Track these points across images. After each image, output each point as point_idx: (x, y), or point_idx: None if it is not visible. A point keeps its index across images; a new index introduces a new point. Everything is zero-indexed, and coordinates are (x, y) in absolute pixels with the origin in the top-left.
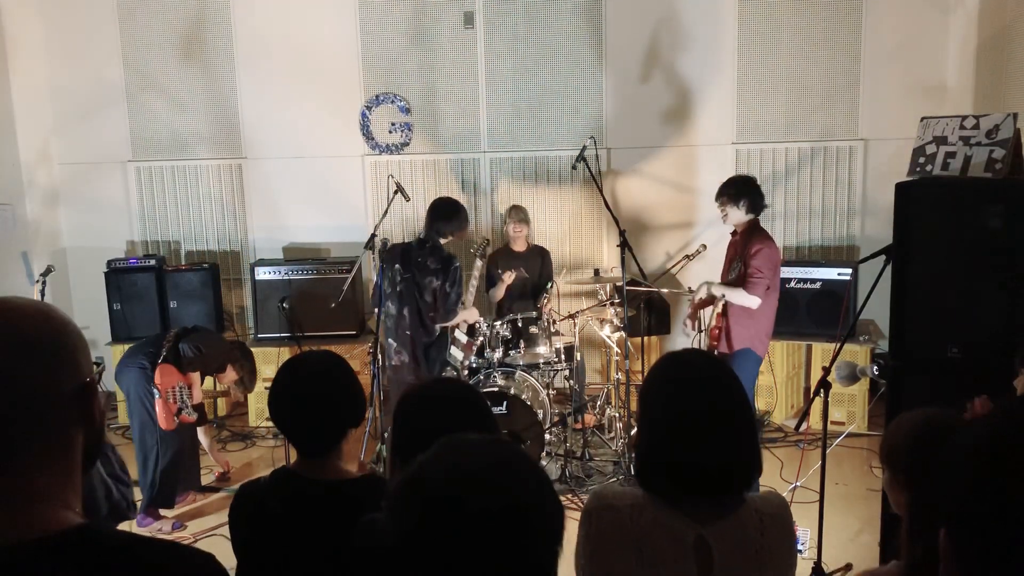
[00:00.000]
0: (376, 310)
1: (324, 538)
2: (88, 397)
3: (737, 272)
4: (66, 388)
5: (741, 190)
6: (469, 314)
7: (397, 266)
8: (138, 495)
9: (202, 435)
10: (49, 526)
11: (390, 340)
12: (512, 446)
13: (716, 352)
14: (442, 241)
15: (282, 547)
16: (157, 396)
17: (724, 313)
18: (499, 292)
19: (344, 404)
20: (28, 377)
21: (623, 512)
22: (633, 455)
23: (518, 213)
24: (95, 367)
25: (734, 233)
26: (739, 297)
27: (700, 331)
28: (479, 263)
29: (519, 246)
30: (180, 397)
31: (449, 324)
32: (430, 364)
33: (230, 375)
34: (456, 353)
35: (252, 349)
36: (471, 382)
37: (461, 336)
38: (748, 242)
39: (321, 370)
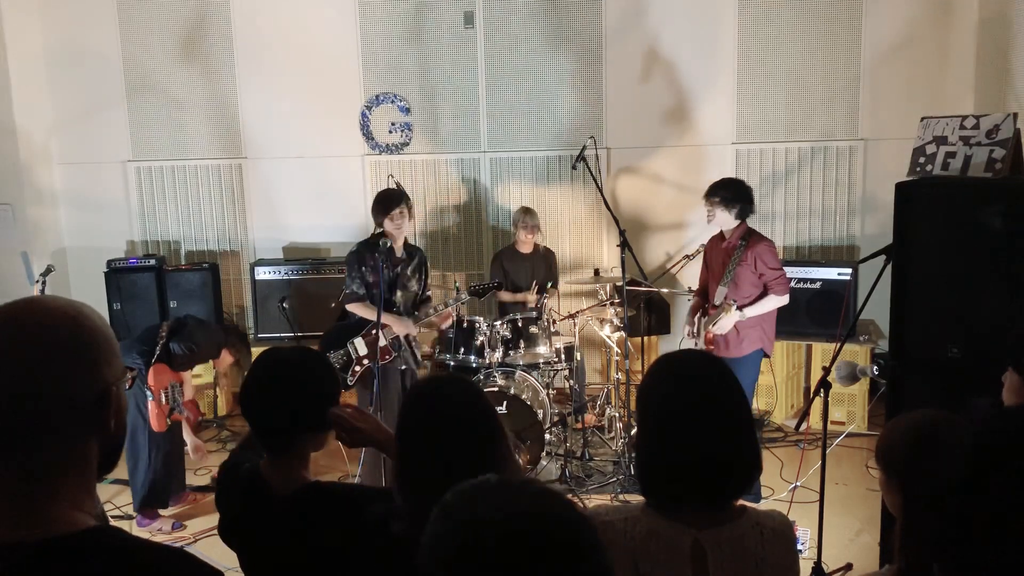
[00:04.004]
0: (344, 294)
1: (271, 542)
2: (104, 406)
3: (732, 276)
4: (83, 396)
5: (737, 195)
6: (398, 324)
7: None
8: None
9: (186, 434)
10: (64, 527)
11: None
12: (548, 489)
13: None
14: (379, 231)
15: (247, 541)
16: (150, 398)
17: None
18: (505, 297)
19: (303, 404)
20: (45, 383)
21: (617, 527)
22: (633, 455)
23: (531, 219)
24: (130, 371)
25: (720, 236)
26: (772, 304)
27: (695, 336)
28: (454, 300)
29: (525, 248)
30: (172, 396)
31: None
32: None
33: (226, 359)
34: (359, 344)
35: (252, 350)
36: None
37: (384, 336)
38: (748, 246)
39: (284, 367)
